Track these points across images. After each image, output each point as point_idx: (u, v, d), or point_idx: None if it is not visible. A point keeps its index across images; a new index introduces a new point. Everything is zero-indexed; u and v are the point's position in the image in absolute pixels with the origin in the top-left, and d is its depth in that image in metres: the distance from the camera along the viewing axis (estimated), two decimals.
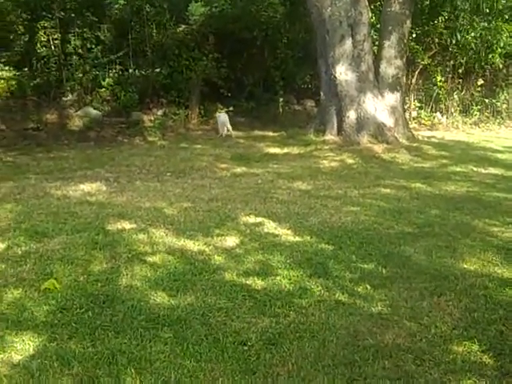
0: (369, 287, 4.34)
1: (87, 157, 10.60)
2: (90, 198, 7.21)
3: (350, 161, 10.00)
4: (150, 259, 4.94)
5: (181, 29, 15.67)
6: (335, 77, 11.62)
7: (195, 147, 11.72)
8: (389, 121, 11.63)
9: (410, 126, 14.02)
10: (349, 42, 11.60)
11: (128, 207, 6.74)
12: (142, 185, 8.09)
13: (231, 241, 5.44)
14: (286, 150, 11.02)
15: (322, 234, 5.64)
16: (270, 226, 5.93)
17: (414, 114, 16.17)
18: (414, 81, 16.03)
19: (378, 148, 10.80)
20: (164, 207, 6.75)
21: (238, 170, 9.29)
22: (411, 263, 4.84)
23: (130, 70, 15.72)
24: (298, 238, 5.54)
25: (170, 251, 5.13)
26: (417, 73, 15.95)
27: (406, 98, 15.49)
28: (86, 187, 7.86)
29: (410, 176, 8.71)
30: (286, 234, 5.66)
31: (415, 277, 4.53)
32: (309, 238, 5.54)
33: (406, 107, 15.07)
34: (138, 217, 6.30)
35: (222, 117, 13.45)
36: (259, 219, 6.20)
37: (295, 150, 10.99)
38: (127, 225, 5.99)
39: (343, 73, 11.58)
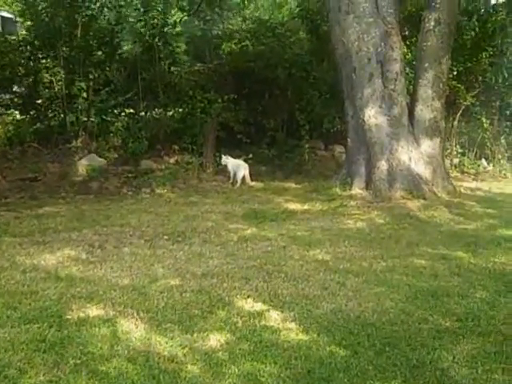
0: None
1: (80, 214, 9.74)
2: (62, 271, 6.29)
3: (380, 220, 8.95)
4: (102, 368, 3.97)
5: (196, 67, 14.98)
6: (363, 121, 10.72)
7: (205, 201, 10.83)
8: (425, 172, 10.60)
9: (452, 175, 13.00)
10: (379, 82, 10.71)
11: (102, 285, 5.80)
12: (130, 252, 7.15)
13: (215, 340, 4.43)
14: (306, 207, 10.03)
15: (333, 330, 4.61)
16: (269, 316, 4.91)
17: (456, 161, 15.08)
18: (455, 124, 15.01)
19: (413, 205, 9.74)
20: (145, 286, 5.79)
21: (248, 231, 8.33)
22: (449, 381, 3.77)
23: (141, 113, 15.10)
24: (301, 336, 4.51)
25: (133, 355, 4.16)
26: (458, 115, 14.92)
27: (447, 143, 14.50)
28: (63, 255, 6.97)
29: (450, 241, 7.60)
30: (288, 330, 4.63)
31: None
32: (316, 335, 4.51)
33: (446, 153, 14.07)
34: (109, 299, 5.35)
35: (234, 164, 12.71)
36: (258, 305, 5.19)
37: (317, 207, 10.00)
38: (93, 311, 5.05)
39: (372, 116, 10.65)
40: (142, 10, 14.59)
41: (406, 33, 14.00)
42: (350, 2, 10.67)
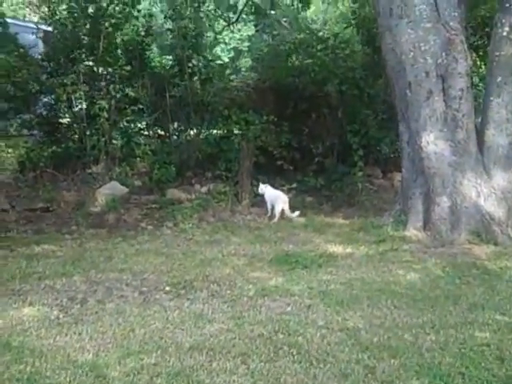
0: None
1: (80, 254, 8.78)
2: (16, 338, 5.30)
3: (437, 271, 7.63)
4: None
5: (233, 83, 14.10)
6: (420, 148, 9.47)
7: (232, 240, 9.74)
8: (498, 211, 9.19)
9: None
10: (439, 100, 9.45)
11: (55, 361, 4.76)
12: (113, 311, 6.11)
13: None
14: (349, 250, 8.81)
15: None
16: None
17: None
18: None
19: (481, 251, 8.43)
20: (110, 364, 4.70)
21: (271, 282, 7.19)
22: None
23: (174, 137, 14.33)
24: None
25: None
26: None
27: None
28: (30, 313, 6.02)
29: None
30: None
31: None
32: None
33: None
34: None
35: (272, 195, 11.72)
36: None
37: (362, 250, 8.76)
38: None
39: (431, 142, 9.38)
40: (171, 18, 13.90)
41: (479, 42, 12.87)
42: (403, 4, 9.45)
